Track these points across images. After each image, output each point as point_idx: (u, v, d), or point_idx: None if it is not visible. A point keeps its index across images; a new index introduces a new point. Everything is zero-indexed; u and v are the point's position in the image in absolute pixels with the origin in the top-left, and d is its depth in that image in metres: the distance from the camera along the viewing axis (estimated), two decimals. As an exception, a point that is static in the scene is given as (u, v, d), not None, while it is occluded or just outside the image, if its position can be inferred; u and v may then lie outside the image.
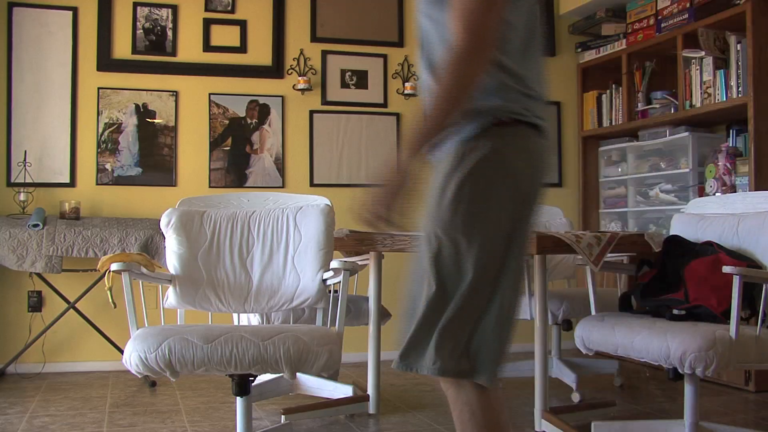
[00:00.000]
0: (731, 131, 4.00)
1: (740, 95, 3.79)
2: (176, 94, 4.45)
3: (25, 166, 4.18)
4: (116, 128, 4.36)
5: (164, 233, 2.85)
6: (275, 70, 4.61)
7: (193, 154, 4.47)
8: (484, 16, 1.40)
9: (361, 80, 4.74)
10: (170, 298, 2.75)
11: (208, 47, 4.52)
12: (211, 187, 4.45)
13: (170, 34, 4.47)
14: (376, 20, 4.79)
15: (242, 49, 4.56)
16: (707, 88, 4.01)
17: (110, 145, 4.34)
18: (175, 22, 4.48)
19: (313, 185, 4.61)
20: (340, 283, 2.58)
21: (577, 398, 3.43)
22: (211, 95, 4.50)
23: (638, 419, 3.14)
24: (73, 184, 4.28)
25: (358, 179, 4.66)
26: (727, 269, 2.29)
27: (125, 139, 4.37)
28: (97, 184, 4.31)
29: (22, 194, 4.07)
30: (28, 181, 4.17)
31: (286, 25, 4.65)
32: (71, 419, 3.14)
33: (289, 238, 2.84)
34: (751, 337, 2.29)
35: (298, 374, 3.13)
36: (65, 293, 4.07)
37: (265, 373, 2.49)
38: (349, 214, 1.46)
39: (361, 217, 1.45)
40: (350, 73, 4.73)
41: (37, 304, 4.16)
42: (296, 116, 4.63)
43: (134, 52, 4.41)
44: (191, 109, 4.48)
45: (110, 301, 3.25)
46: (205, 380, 3.89)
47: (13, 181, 4.18)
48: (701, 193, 4.09)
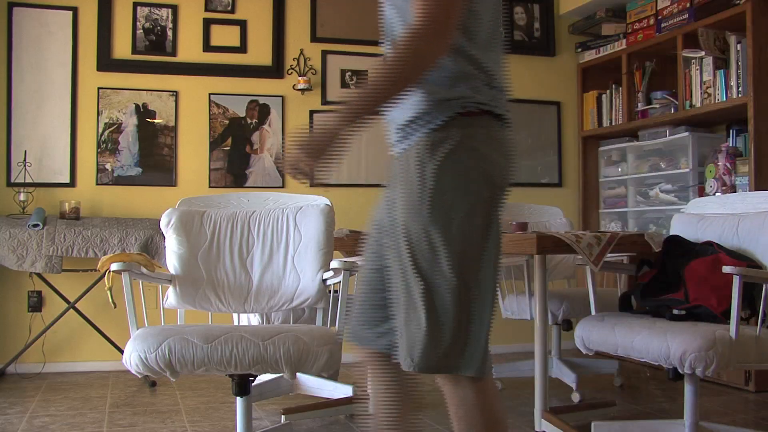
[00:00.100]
0: (731, 131, 4.00)
1: (740, 95, 3.79)
2: (176, 94, 4.45)
3: (25, 166, 4.18)
4: (116, 128, 4.36)
5: (164, 233, 2.84)
6: (275, 70, 4.61)
7: (193, 154, 4.47)
8: (448, 2, 1.39)
9: (361, 80, 4.74)
10: (170, 298, 2.75)
11: (208, 47, 4.52)
12: (211, 187, 4.45)
13: (170, 34, 4.47)
14: (376, 20, 4.73)
15: (242, 49, 4.56)
16: (707, 88, 4.01)
17: (110, 145, 4.34)
18: (175, 22, 4.48)
19: (313, 185, 4.59)
20: (340, 283, 2.58)
21: (577, 398, 3.43)
22: (211, 95, 4.50)
23: (638, 419, 3.14)
24: (73, 184, 4.28)
25: (358, 179, 4.66)
26: (727, 269, 2.29)
27: (125, 139, 4.37)
28: (97, 184, 4.31)
29: (22, 194, 4.07)
30: (28, 181, 4.18)
31: (286, 25, 4.65)
32: (71, 419, 3.14)
33: (289, 238, 2.84)
34: (751, 337, 2.29)
35: (298, 374, 3.13)
36: (65, 293, 4.07)
37: (265, 373, 2.49)
38: (283, 162, 1.50)
39: (286, 165, 1.46)
40: (350, 73, 4.73)
41: (37, 304, 4.16)
42: (296, 116, 4.63)
43: (134, 52, 4.41)
44: (191, 109, 4.48)
45: (110, 301, 3.25)
46: (205, 380, 3.89)
47: (13, 181, 4.18)
48: (701, 193, 4.09)
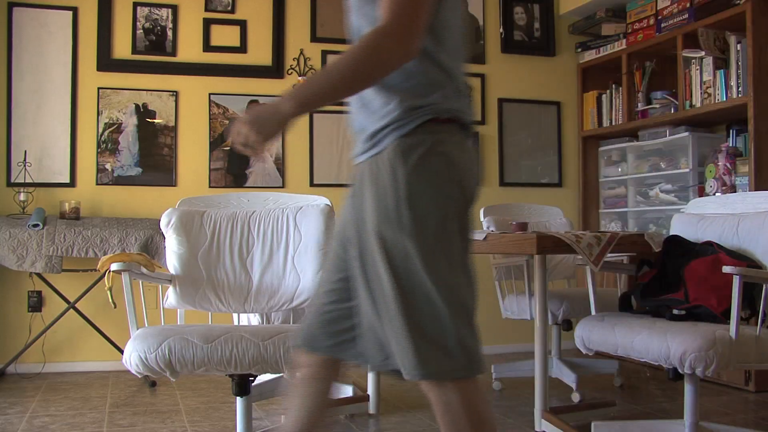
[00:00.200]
0: (731, 131, 4.00)
1: (740, 95, 3.79)
2: (176, 94, 4.45)
3: (25, 166, 4.18)
4: (116, 128, 4.36)
5: (164, 233, 2.84)
6: (275, 70, 4.61)
7: (193, 154, 4.47)
8: (413, 2, 1.40)
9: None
10: (170, 298, 2.75)
11: (208, 47, 4.52)
12: (211, 187, 4.45)
13: (170, 34, 4.47)
14: (376, 20, 4.78)
15: (242, 49, 4.56)
16: (707, 88, 4.01)
17: (110, 145, 4.34)
18: (175, 22, 4.48)
19: (313, 185, 4.61)
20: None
21: (577, 398, 3.43)
22: (211, 95, 4.50)
23: (638, 419, 3.14)
24: (73, 184, 4.28)
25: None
26: (727, 269, 2.29)
27: (125, 139, 4.37)
28: (97, 184, 4.31)
29: (22, 194, 4.07)
30: (28, 181, 4.17)
31: (286, 25, 4.65)
32: (71, 419, 3.14)
33: (289, 238, 2.84)
34: (751, 337, 2.29)
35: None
36: (65, 293, 4.07)
37: (265, 373, 2.48)
38: (230, 131, 1.49)
39: (232, 135, 1.45)
40: (350, 73, 4.72)
41: (37, 304, 4.16)
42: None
43: (134, 52, 4.41)
44: (191, 109, 4.48)
45: (110, 301, 3.25)
46: (205, 380, 3.89)
47: (13, 181, 4.18)
48: (701, 193, 4.09)
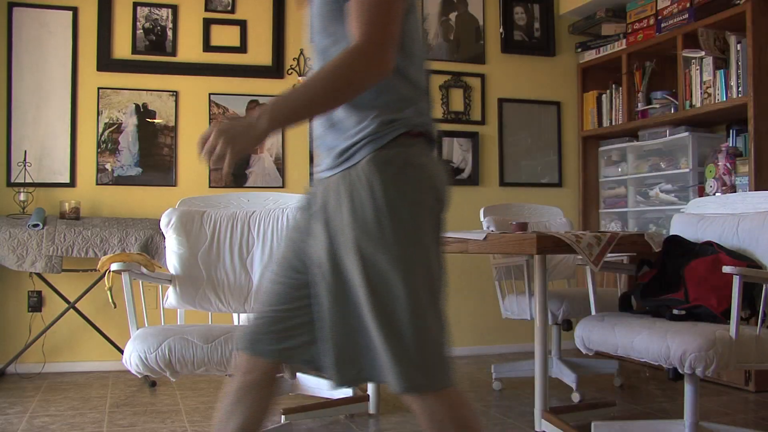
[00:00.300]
0: (731, 131, 4.00)
1: (740, 95, 3.79)
2: (176, 94, 4.45)
3: (25, 166, 4.18)
4: (116, 128, 4.36)
5: (164, 233, 2.85)
6: (275, 70, 4.61)
7: (193, 154, 4.47)
8: (384, 19, 1.40)
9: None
10: (170, 298, 2.75)
11: (208, 47, 4.52)
12: (211, 187, 4.45)
13: (170, 34, 4.47)
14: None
15: (242, 49, 4.56)
16: (707, 88, 4.01)
17: (110, 145, 4.34)
18: (175, 22, 4.48)
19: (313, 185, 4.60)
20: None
21: (577, 398, 3.43)
22: (211, 95, 4.50)
23: (638, 419, 3.14)
24: (73, 184, 4.28)
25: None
26: (727, 269, 2.29)
27: (125, 139, 4.37)
28: (97, 184, 4.31)
29: (22, 194, 4.07)
30: (28, 181, 4.17)
31: (286, 25, 4.65)
32: (71, 419, 3.14)
33: (289, 238, 2.84)
34: (751, 337, 2.29)
35: (298, 374, 3.13)
36: (65, 293, 4.07)
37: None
38: (199, 142, 1.42)
39: (201, 144, 1.40)
40: (350, 73, 4.72)
41: (37, 304, 4.16)
42: (296, 116, 4.62)
43: (134, 52, 4.41)
44: (191, 109, 4.48)
45: (110, 301, 3.25)
46: (205, 380, 3.88)
47: (13, 181, 4.18)
48: (701, 193, 4.09)
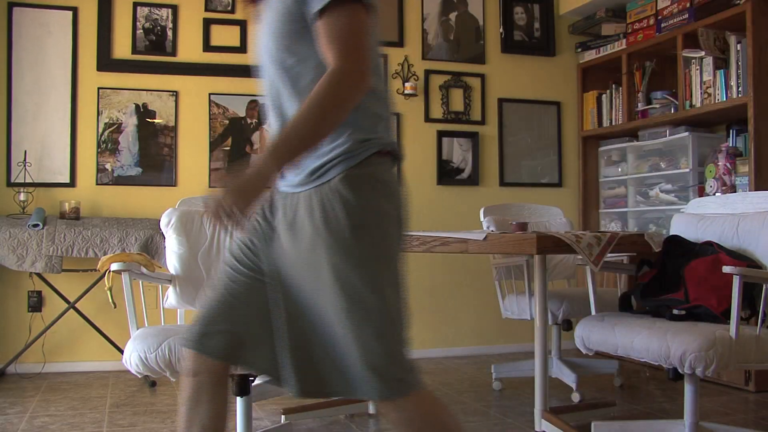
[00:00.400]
0: (731, 131, 4.00)
1: (740, 95, 3.79)
2: (176, 94, 4.45)
3: (25, 166, 4.18)
4: (116, 128, 4.36)
5: (164, 233, 2.85)
6: (275, 70, 4.60)
7: (193, 154, 4.47)
8: (358, 40, 1.43)
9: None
10: (170, 298, 2.75)
11: (208, 47, 4.51)
12: (211, 187, 4.45)
13: (170, 34, 4.47)
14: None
15: (242, 49, 4.56)
16: (707, 88, 4.01)
17: (110, 145, 4.34)
18: (175, 22, 4.48)
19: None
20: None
21: (577, 398, 3.43)
22: (211, 95, 4.50)
23: (638, 419, 3.14)
24: (73, 184, 4.28)
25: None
26: (727, 269, 2.29)
27: (125, 139, 4.37)
28: (97, 184, 4.31)
29: (22, 194, 4.07)
30: (28, 181, 4.17)
31: (286, 25, 4.64)
32: (71, 419, 3.14)
33: (289, 238, 2.84)
34: (751, 337, 2.29)
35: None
36: (65, 293, 4.07)
37: (265, 373, 2.48)
38: (204, 208, 1.46)
39: (211, 210, 1.43)
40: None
41: (37, 304, 4.16)
42: (296, 116, 4.62)
43: (134, 52, 4.41)
44: (191, 109, 4.48)
45: (110, 301, 3.25)
46: (205, 380, 3.88)
47: (13, 181, 4.18)
48: (701, 193, 4.09)
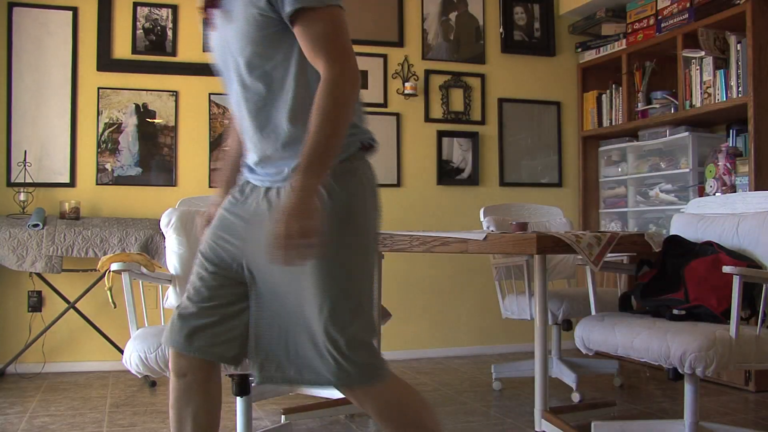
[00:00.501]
0: (731, 131, 4.00)
1: (740, 95, 3.79)
2: (176, 94, 4.45)
3: (25, 166, 4.18)
4: (116, 128, 4.36)
5: (164, 233, 2.85)
6: (275, 70, 4.60)
7: (193, 154, 4.47)
8: (342, 40, 1.50)
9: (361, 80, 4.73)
10: (170, 298, 2.75)
11: (208, 47, 4.51)
12: (211, 187, 4.45)
13: (170, 34, 4.47)
14: (375, 20, 4.78)
15: (242, 49, 4.55)
16: (707, 88, 4.01)
17: (110, 145, 4.34)
18: (175, 22, 4.47)
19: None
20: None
21: (577, 398, 3.43)
22: (211, 95, 4.50)
23: (638, 419, 3.14)
24: (73, 184, 4.28)
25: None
26: (727, 269, 2.28)
27: (125, 139, 4.37)
28: (97, 184, 4.31)
29: (22, 194, 4.07)
30: (28, 181, 4.17)
31: (286, 25, 4.64)
32: (71, 419, 3.14)
33: (289, 238, 2.84)
34: (751, 337, 2.29)
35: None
36: (65, 293, 4.07)
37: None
38: (271, 252, 1.44)
39: (283, 246, 1.42)
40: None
41: (37, 304, 4.16)
42: (296, 116, 4.62)
43: (134, 52, 4.41)
44: (191, 109, 4.48)
45: (110, 301, 3.25)
46: (205, 380, 3.88)
47: (13, 181, 4.18)
48: (701, 193, 4.09)
